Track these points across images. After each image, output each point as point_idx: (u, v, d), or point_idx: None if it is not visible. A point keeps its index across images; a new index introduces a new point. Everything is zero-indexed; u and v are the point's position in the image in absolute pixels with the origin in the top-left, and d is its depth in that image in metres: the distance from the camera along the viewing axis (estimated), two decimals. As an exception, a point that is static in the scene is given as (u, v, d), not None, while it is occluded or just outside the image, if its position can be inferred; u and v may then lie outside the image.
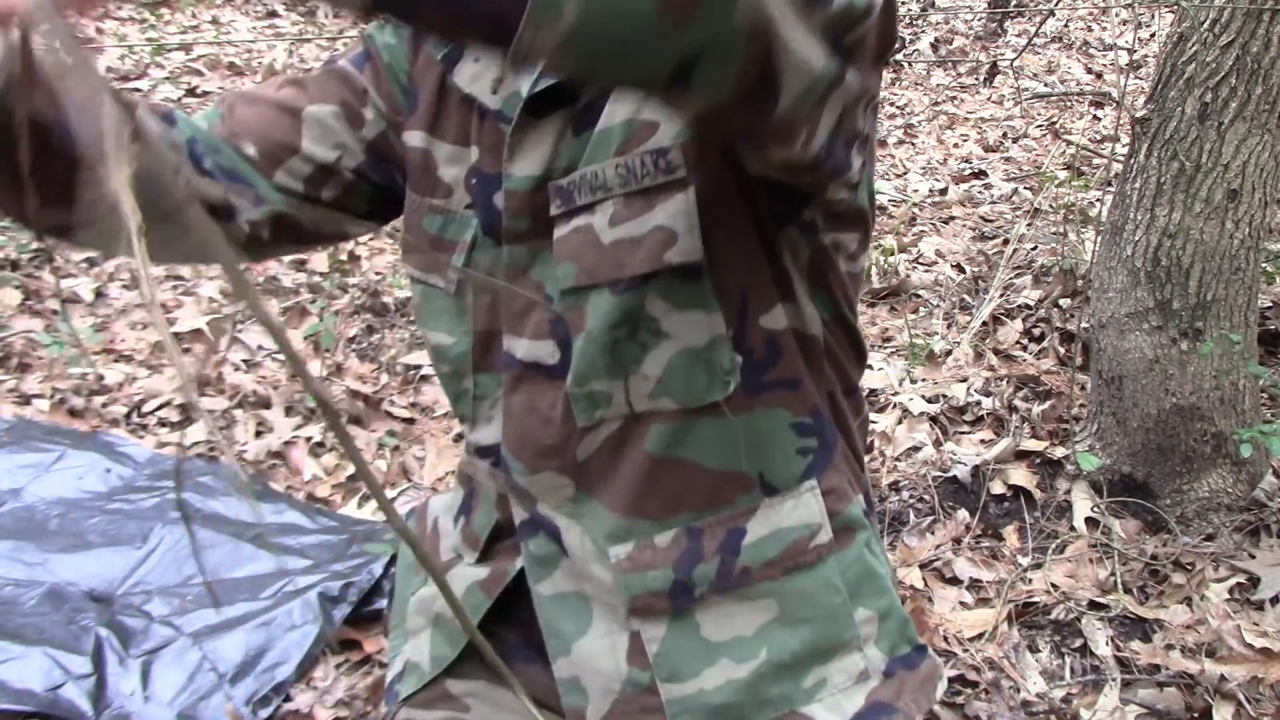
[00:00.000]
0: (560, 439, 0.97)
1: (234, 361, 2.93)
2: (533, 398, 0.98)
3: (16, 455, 2.40)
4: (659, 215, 0.89)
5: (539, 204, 0.93)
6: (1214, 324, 2.17)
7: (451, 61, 0.98)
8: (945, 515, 2.31)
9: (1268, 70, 1.99)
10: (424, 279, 1.04)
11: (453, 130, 1.01)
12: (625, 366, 0.93)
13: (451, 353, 1.03)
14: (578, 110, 0.92)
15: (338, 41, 5.25)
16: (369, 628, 2.02)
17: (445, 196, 1.01)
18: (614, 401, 0.94)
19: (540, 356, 0.96)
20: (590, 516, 0.98)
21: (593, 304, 0.92)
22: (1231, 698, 1.81)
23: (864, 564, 1.00)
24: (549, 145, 0.92)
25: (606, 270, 0.91)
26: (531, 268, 0.96)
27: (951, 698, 1.86)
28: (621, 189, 0.89)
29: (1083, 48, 5.89)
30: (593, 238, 0.91)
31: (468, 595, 1.07)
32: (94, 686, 1.80)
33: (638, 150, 0.89)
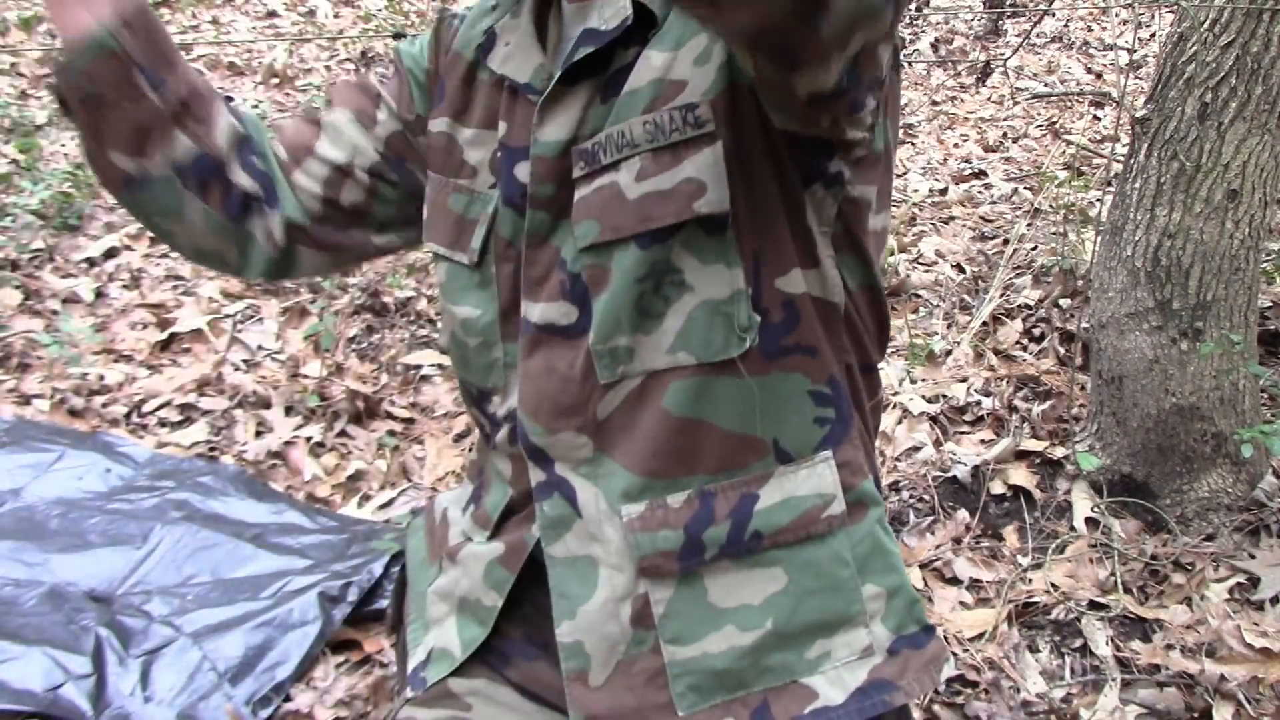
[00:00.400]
0: (580, 398, 0.98)
1: (234, 361, 2.94)
2: (550, 359, 0.99)
3: (16, 455, 2.40)
4: (687, 168, 0.91)
5: (565, 168, 0.96)
6: (1214, 324, 2.17)
7: (485, 50, 1.03)
8: (945, 515, 2.31)
9: (1268, 70, 1.99)
10: (449, 255, 1.07)
11: (479, 115, 1.05)
12: (648, 320, 0.95)
13: (479, 324, 1.05)
14: (605, 78, 0.95)
15: (337, 42, 5.25)
16: (369, 628, 2.02)
17: (470, 177, 1.05)
18: (635, 356, 0.96)
19: (554, 318, 0.98)
20: (606, 476, 0.98)
21: (617, 260, 0.94)
22: (1231, 698, 1.81)
23: (875, 540, 1.01)
24: (578, 110, 0.96)
25: (632, 224, 0.93)
26: (552, 235, 0.99)
27: (951, 698, 1.86)
28: (649, 144, 0.92)
29: (1083, 48, 5.89)
30: (617, 193, 0.93)
31: (488, 573, 1.07)
32: (94, 686, 1.80)
33: (666, 107, 0.91)
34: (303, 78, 4.98)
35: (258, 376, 2.87)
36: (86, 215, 3.58)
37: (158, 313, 3.11)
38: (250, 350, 2.99)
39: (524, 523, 1.06)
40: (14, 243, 3.33)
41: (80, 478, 2.37)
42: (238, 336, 3.02)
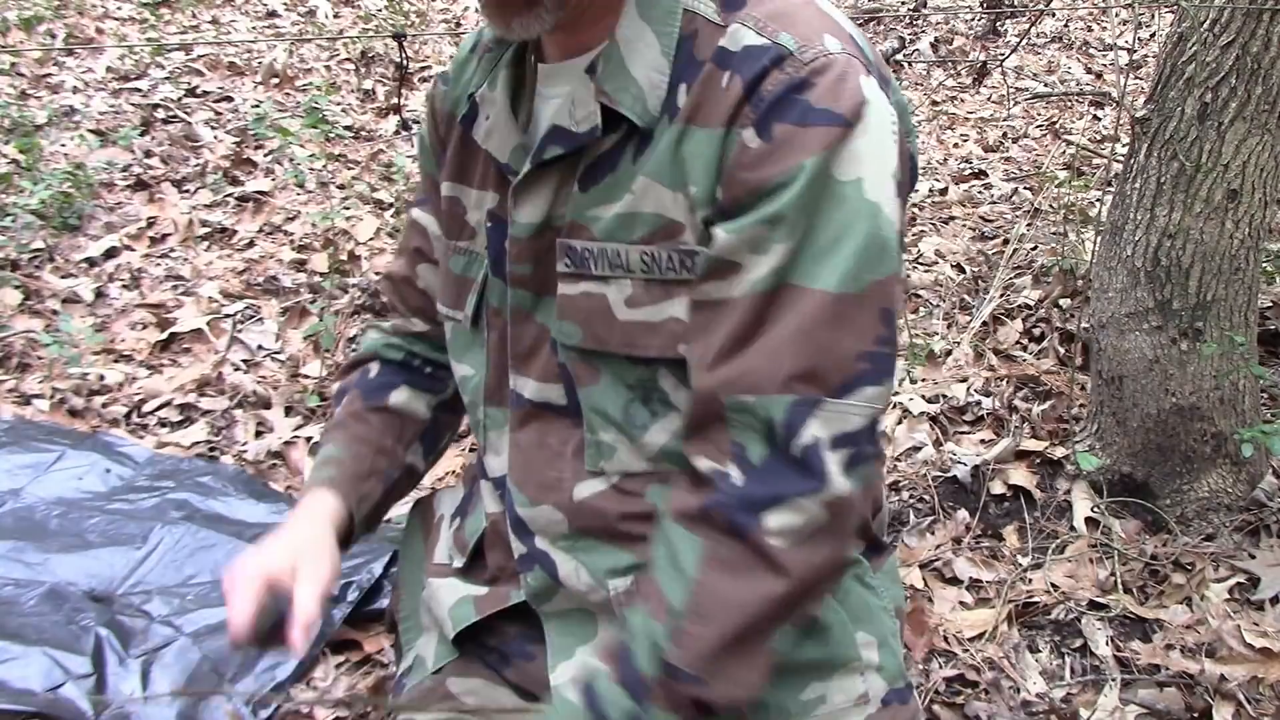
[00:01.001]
0: (564, 475, 1.00)
1: (234, 361, 2.93)
2: (543, 434, 1.01)
3: (16, 455, 2.40)
4: (677, 307, 0.92)
5: (540, 249, 0.98)
6: (1214, 324, 2.17)
7: (469, 121, 1.04)
8: (945, 515, 2.31)
9: (1268, 70, 1.99)
10: (450, 315, 1.11)
11: (477, 176, 1.07)
12: (633, 428, 0.97)
13: (470, 384, 1.09)
14: (580, 167, 0.95)
15: (337, 42, 5.25)
16: (369, 628, 2.02)
17: (470, 239, 1.08)
18: (617, 456, 0.98)
19: (550, 398, 1.01)
20: (586, 552, 1.01)
21: (605, 366, 0.96)
22: (1231, 698, 1.81)
23: (856, 593, 1.03)
24: (550, 193, 0.97)
25: (618, 344, 0.94)
26: (536, 310, 1.01)
27: (951, 698, 1.86)
28: (643, 274, 0.93)
29: (1083, 48, 5.89)
30: (604, 308, 0.94)
31: (459, 606, 1.10)
32: (94, 686, 1.80)
33: (665, 244, 0.91)
34: (303, 78, 4.98)
35: (258, 376, 2.87)
36: (86, 215, 3.58)
37: (158, 313, 3.10)
38: (250, 350, 2.99)
39: (508, 578, 1.09)
40: (14, 243, 3.33)
41: (80, 478, 2.37)
42: (238, 336, 3.02)
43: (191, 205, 3.74)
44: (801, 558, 0.85)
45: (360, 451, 1.15)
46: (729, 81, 0.87)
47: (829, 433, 0.85)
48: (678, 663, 0.86)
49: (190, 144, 4.18)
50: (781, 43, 0.87)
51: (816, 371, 0.85)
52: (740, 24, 0.89)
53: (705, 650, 0.85)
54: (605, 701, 0.89)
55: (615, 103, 0.91)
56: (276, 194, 3.85)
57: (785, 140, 0.85)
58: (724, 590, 0.85)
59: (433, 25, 5.76)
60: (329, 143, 4.24)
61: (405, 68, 4.79)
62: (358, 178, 3.98)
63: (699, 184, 0.89)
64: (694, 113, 0.89)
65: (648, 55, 0.91)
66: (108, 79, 4.73)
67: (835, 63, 0.86)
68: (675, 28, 0.91)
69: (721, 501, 0.86)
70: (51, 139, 4.06)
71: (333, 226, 3.52)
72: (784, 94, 0.85)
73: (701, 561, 0.86)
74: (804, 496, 0.85)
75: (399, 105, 4.53)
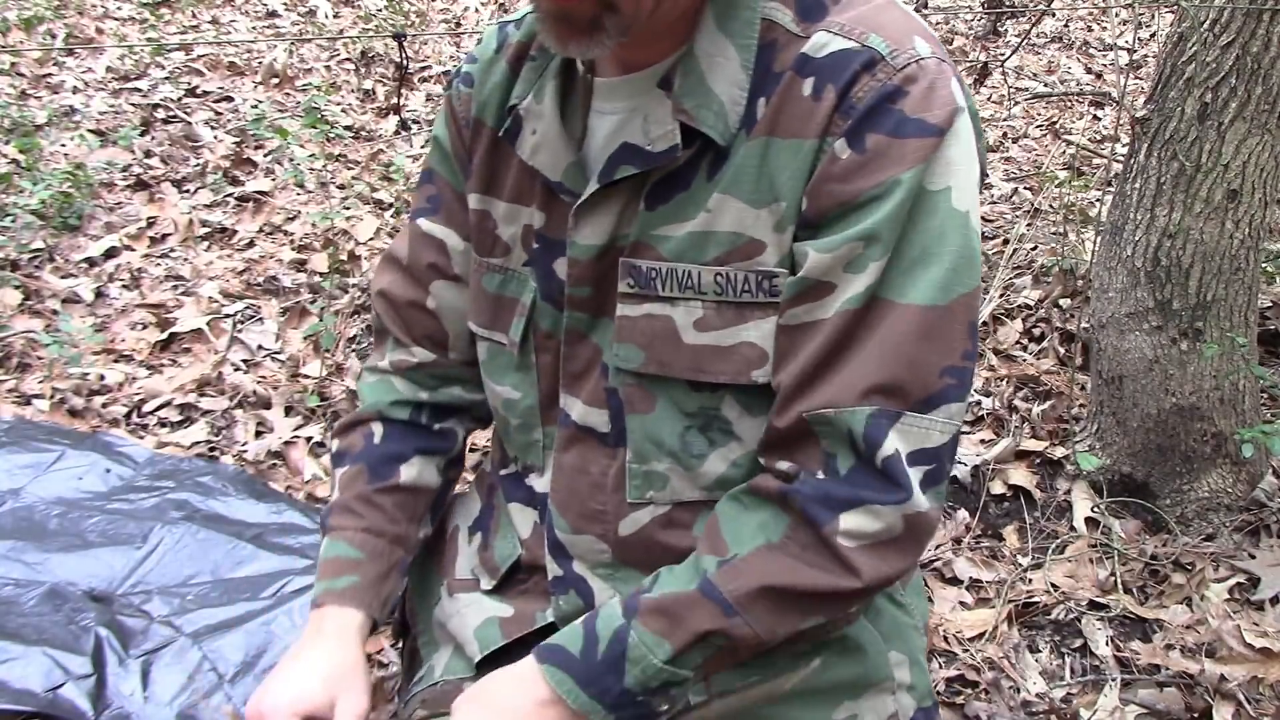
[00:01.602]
0: (607, 507, 0.98)
1: (234, 361, 2.93)
2: (585, 460, 0.99)
3: (16, 455, 2.40)
4: (751, 332, 0.89)
5: (602, 271, 0.94)
6: (1214, 324, 2.17)
7: (512, 135, 0.98)
8: (945, 515, 2.31)
9: (1268, 70, 1.99)
10: (489, 336, 1.05)
11: (509, 188, 1.02)
12: (689, 457, 0.94)
13: (520, 406, 1.04)
14: (647, 185, 0.91)
15: (337, 42, 5.25)
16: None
17: (503, 255, 1.03)
18: (669, 485, 0.96)
19: (594, 423, 0.98)
20: (625, 582, 0.99)
21: (664, 390, 0.93)
22: (1231, 698, 1.81)
23: (889, 612, 1.03)
24: (614, 214, 0.92)
25: (683, 368, 0.91)
26: (591, 332, 0.97)
27: (951, 698, 1.86)
28: (716, 297, 0.89)
29: (1083, 48, 5.89)
30: (671, 330, 0.91)
31: (485, 626, 1.07)
32: (94, 687, 1.80)
33: (741, 264, 0.88)
34: (303, 78, 4.98)
35: (258, 376, 2.87)
36: (86, 215, 3.58)
37: (158, 313, 3.11)
38: (250, 350, 2.99)
39: (539, 597, 1.06)
40: (14, 243, 3.33)
41: (80, 478, 2.36)
42: (238, 336, 3.02)
43: (191, 205, 3.74)
44: (871, 563, 0.85)
45: (377, 548, 1.09)
46: (816, 89, 0.84)
47: (909, 447, 0.84)
48: (718, 583, 0.85)
49: (190, 144, 4.18)
50: (872, 45, 0.84)
51: (900, 385, 0.83)
52: (824, 30, 0.86)
53: (747, 586, 0.85)
54: (600, 618, 0.89)
55: (696, 120, 0.87)
56: (276, 194, 3.85)
57: (879, 152, 0.82)
58: (786, 562, 0.85)
59: (433, 25, 5.76)
60: (329, 143, 4.24)
61: (405, 68, 4.79)
62: (358, 178, 3.98)
63: (788, 198, 0.86)
64: (775, 124, 0.86)
65: (728, 69, 0.87)
66: (108, 79, 4.73)
67: (927, 68, 0.84)
68: (754, 39, 0.88)
69: (802, 492, 0.85)
70: (51, 139, 4.06)
71: (333, 226, 3.52)
72: (877, 102, 0.82)
73: (778, 539, 0.86)
74: (885, 505, 0.83)
75: (399, 105, 4.53)
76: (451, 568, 1.15)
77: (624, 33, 0.84)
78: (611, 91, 0.94)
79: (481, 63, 1.05)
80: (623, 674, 0.86)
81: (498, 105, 1.02)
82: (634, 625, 0.87)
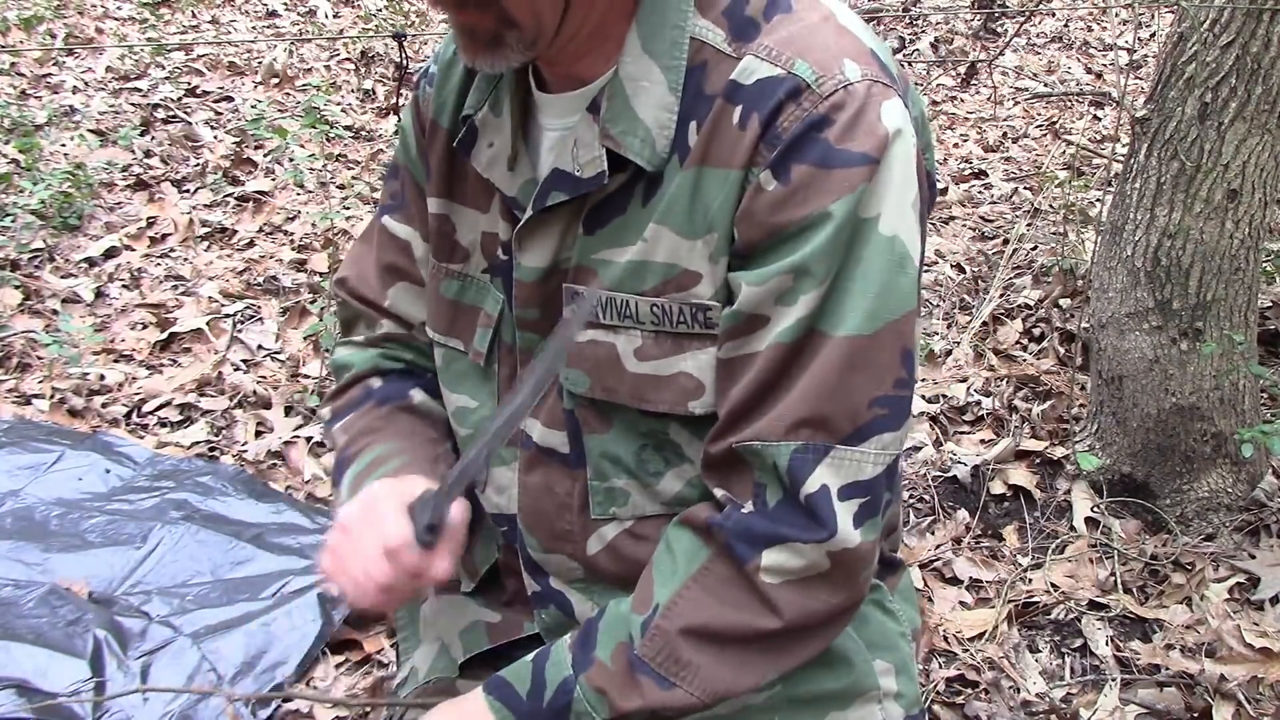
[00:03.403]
0: (574, 527, 0.98)
1: (234, 361, 2.93)
2: (549, 481, 0.98)
3: (16, 455, 2.40)
4: (688, 363, 0.89)
5: (547, 293, 0.94)
6: (1214, 324, 2.17)
7: (466, 146, 0.97)
8: (945, 515, 2.31)
9: (1268, 70, 1.99)
10: (445, 343, 1.04)
11: (470, 194, 1.00)
12: (646, 475, 0.94)
13: (473, 416, 1.03)
14: (585, 210, 0.90)
15: (337, 42, 5.25)
16: (369, 628, 2.02)
17: (462, 261, 1.02)
18: (631, 501, 0.96)
19: (554, 444, 0.97)
20: (602, 595, 0.99)
21: (615, 416, 0.93)
22: (1231, 698, 1.81)
23: (876, 622, 1.03)
24: (556, 237, 0.92)
25: (627, 395, 0.91)
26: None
27: (951, 698, 1.86)
28: (653, 327, 0.89)
29: (1083, 48, 5.89)
30: (614, 358, 0.91)
31: (471, 630, 1.08)
32: (93, 688, 1.80)
33: (677, 296, 0.88)
34: (303, 78, 4.98)
35: (258, 376, 2.87)
36: (86, 215, 3.58)
37: (158, 313, 3.11)
38: (250, 350, 2.99)
39: (520, 607, 1.07)
40: (14, 243, 3.33)
41: (80, 478, 2.37)
42: (238, 336, 3.02)
43: (191, 205, 3.74)
44: (795, 601, 0.84)
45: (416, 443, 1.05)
46: (743, 118, 0.83)
47: (839, 481, 0.83)
48: (645, 655, 0.85)
49: (190, 144, 4.18)
50: (797, 73, 0.82)
51: (827, 418, 0.82)
52: (752, 55, 0.84)
53: (670, 641, 0.85)
54: (551, 663, 0.89)
55: (621, 147, 0.86)
56: (276, 194, 3.85)
57: (804, 184, 0.81)
58: (707, 602, 0.85)
59: (433, 25, 5.76)
60: (329, 143, 4.24)
61: (405, 68, 4.79)
62: (357, 178, 3.98)
63: (720, 229, 0.85)
64: (706, 154, 0.85)
65: (654, 93, 0.86)
66: (108, 79, 4.73)
67: (855, 93, 0.81)
68: (682, 60, 0.86)
69: (726, 525, 0.85)
70: (51, 139, 4.06)
71: (333, 226, 3.52)
72: (802, 132, 0.81)
73: (696, 571, 0.86)
74: (806, 543, 0.83)
75: (399, 105, 4.53)
76: None
77: (530, 47, 0.83)
78: (548, 107, 0.94)
79: (442, 62, 1.04)
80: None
81: (453, 109, 1.01)
82: (580, 682, 0.87)
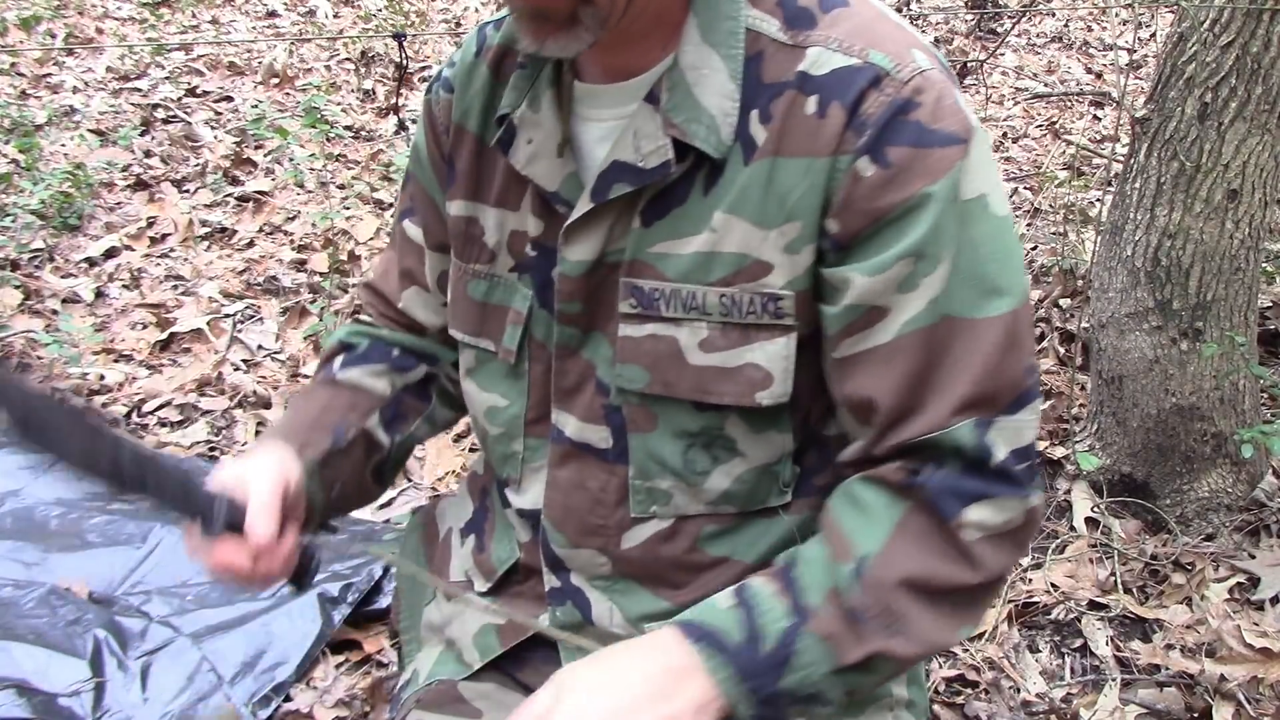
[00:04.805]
0: (608, 522, 0.97)
1: (234, 361, 2.94)
2: (582, 476, 0.98)
3: (16, 455, 2.40)
4: (756, 354, 0.89)
5: (591, 287, 0.93)
6: (1214, 324, 2.17)
7: (504, 144, 0.97)
8: (945, 515, 2.31)
9: (1268, 70, 1.99)
10: (474, 344, 1.04)
11: (496, 193, 1.00)
12: (693, 474, 0.94)
13: (504, 415, 1.03)
14: (645, 200, 0.90)
15: (337, 42, 5.25)
16: (369, 628, 2.02)
17: (489, 261, 1.01)
18: (673, 501, 0.95)
19: (591, 439, 0.97)
20: (623, 594, 0.99)
21: (667, 411, 0.93)
22: (1231, 698, 1.81)
23: None
24: (605, 230, 0.91)
25: (688, 389, 0.90)
26: (582, 348, 0.96)
27: (951, 698, 1.86)
28: (721, 317, 0.88)
29: (1083, 48, 5.89)
30: (676, 352, 0.90)
31: (482, 634, 1.07)
32: (93, 688, 1.80)
33: (747, 286, 0.87)
34: (303, 78, 4.98)
35: (258, 376, 2.87)
36: (86, 215, 3.58)
37: (158, 313, 3.11)
38: (250, 350, 2.99)
39: (534, 602, 1.06)
40: (14, 243, 3.33)
41: (80, 478, 2.36)
42: (238, 336, 3.02)
43: (191, 205, 3.74)
44: (991, 555, 0.85)
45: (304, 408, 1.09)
46: (822, 107, 0.83)
47: (1009, 446, 0.85)
48: (861, 607, 0.84)
49: (190, 144, 4.18)
50: (875, 62, 0.83)
51: (991, 395, 0.84)
52: (822, 46, 0.85)
53: (890, 589, 0.84)
54: (761, 613, 0.85)
55: (688, 135, 0.86)
56: (276, 194, 3.86)
57: (904, 165, 0.82)
58: (917, 555, 0.85)
59: (433, 25, 5.76)
60: (329, 143, 4.24)
61: (405, 68, 4.79)
62: (358, 178, 3.98)
63: (803, 218, 0.85)
64: (781, 143, 0.85)
65: (716, 81, 0.86)
66: (108, 79, 4.73)
67: (934, 80, 0.83)
68: (740, 49, 0.86)
69: (929, 483, 0.85)
70: (51, 139, 4.06)
71: (333, 226, 3.52)
72: (891, 116, 0.82)
73: (897, 524, 0.86)
74: (1010, 499, 0.85)
75: (398, 105, 4.53)
76: (445, 571, 1.15)
77: (602, 25, 0.82)
78: (594, 99, 0.93)
79: (461, 67, 1.03)
80: (781, 676, 0.84)
81: (480, 111, 1.00)
82: (804, 632, 0.84)
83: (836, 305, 0.85)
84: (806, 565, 0.87)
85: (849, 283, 0.84)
